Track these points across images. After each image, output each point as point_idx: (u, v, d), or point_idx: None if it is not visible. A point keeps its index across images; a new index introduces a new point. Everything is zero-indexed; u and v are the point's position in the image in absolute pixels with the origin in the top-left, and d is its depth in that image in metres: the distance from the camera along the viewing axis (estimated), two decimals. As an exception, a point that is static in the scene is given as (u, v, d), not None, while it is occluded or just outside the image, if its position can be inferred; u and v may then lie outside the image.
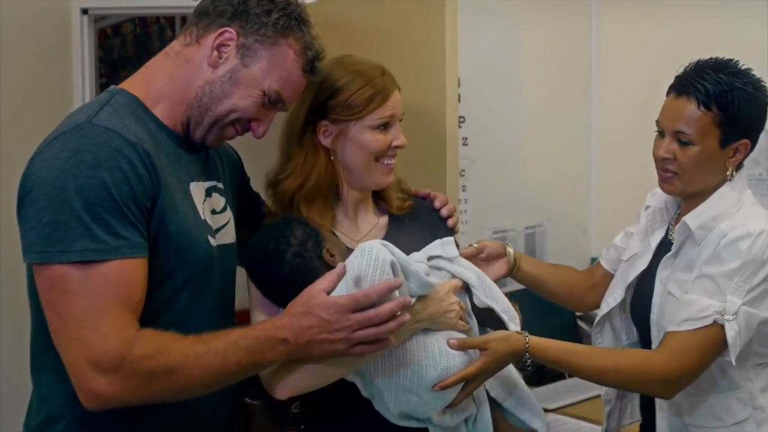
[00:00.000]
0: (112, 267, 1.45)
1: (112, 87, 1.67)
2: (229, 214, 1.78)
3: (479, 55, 3.29)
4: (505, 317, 1.79)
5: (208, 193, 1.72)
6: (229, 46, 1.64)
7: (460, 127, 3.18)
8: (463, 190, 3.28)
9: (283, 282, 1.67)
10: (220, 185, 1.78)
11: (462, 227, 3.29)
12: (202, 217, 1.65)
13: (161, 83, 1.66)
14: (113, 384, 1.43)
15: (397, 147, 1.85)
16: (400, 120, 1.86)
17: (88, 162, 1.47)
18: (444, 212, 1.99)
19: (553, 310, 3.58)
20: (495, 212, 3.46)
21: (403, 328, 1.60)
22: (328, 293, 1.58)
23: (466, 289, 1.81)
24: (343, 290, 1.59)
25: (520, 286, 2.25)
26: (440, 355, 1.69)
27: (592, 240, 3.83)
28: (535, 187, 3.60)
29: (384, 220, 1.94)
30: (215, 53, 1.64)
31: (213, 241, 1.67)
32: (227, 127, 1.67)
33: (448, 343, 1.70)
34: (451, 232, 1.97)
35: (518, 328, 1.79)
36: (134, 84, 1.67)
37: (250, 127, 1.69)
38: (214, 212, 1.72)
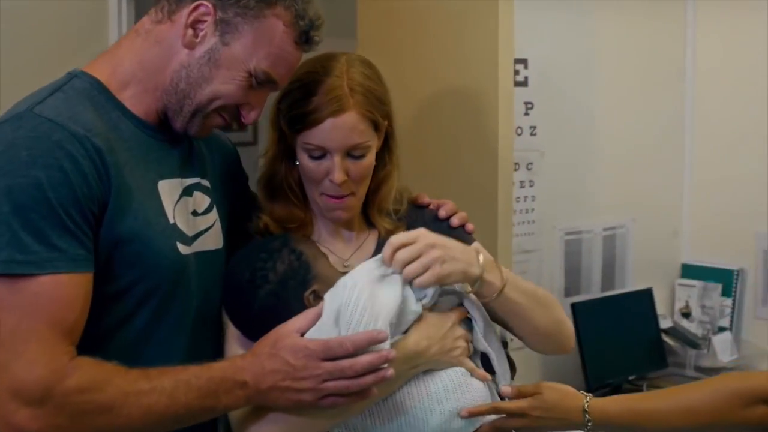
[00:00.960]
0: (43, 283, 1.28)
1: (74, 69, 1.49)
2: (214, 216, 1.58)
3: (551, 34, 3.06)
4: (498, 370, 1.56)
5: (188, 191, 1.53)
6: (205, 22, 1.44)
7: (527, 114, 2.95)
8: (530, 186, 3.02)
9: (253, 319, 1.48)
10: (206, 182, 1.58)
11: (527, 228, 3.00)
12: (171, 221, 1.46)
13: (129, 65, 1.47)
14: (37, 419, 1.27)
15: (333, 182, 1.57)
16: (354, 154, 1.54)
17: (23, 159, 1.30)
18: (455, 221, 1.70)
19: (638, 323, 3.30)
20: (568, 211, 3.19)
21: (398, 374, 1.42)
22: (303, 334, 1.39)
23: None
24: (323, 331, 1.40)
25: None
26: (446, 397, 1.48)
27: (684, 245, 3.57)
28: (616, 183, 3.33)
29: (376, 233, 1.68)
30: (190, 31, 1.44)
31: (185, 248, 1.47)
32: (212, 115, 1.48)
33: (500, 391, 1.53)
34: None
35: (507, 386, 1.55)
36: (98, 66, 1.48)
37: (239, 113, 1.51)
38: (195, 214, 1.53)
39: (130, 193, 1.39)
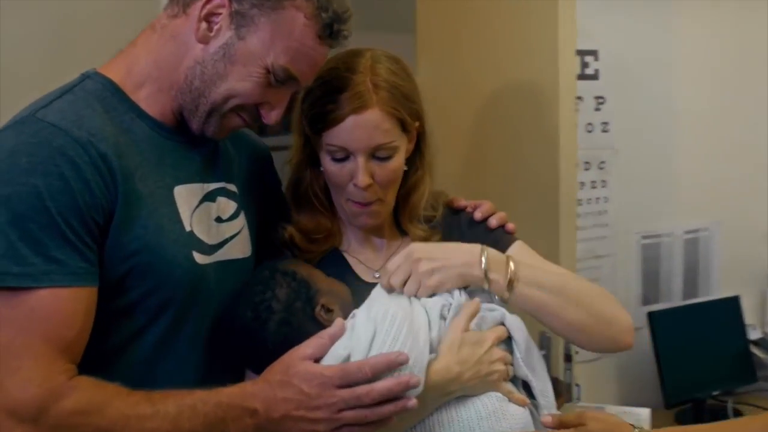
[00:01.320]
0: (40, 297, 1.22)
1: (89, 69, 1.41)
2: (241, 223, 1.49)
3: (625, 24, 2.87)
4: (541, 401, 1.42)
5: (210, 197, 1.44)
6: (219, 14, 1.36)
7: (598, 109, 2.78)
8: (602, 186, 2.85)
9: (270, 355, 1.35)
10: (232, 187, 1.50)
11: (599, 231, 2.82)
12: (188, 228, 1.37)
13: (145, 64, 1.40)
14: None
15: (357, 186, 1.46)
16: (379, 156, 1.45)
17: (22, 166, 1.24)
18: (493, 222, 1.59)
19: (723, 333, 3.06)
20: (645, 213, 2.98)
21: (426, 402, 1.32)
22: (317, 360, 1.29)
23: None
24: (341, 355, 1.29)
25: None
26: (479, 425, 1.36)
27: (775, 248, 3.32)
28: (699, 182, 3.10)
29: (409, 241, 1.55)
30: (204, 25, 1.36)
31: (203, 258, 1.39)
32: (229, 115, 1.39)
33: (542, 421, 1.40)
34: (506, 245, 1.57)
35: (548, 415, 1.39)
36: (114, 65, 1.41)
37: (258, 113, 1.41)
38: (219, 220, 1.45)
39: (140, 200, 1.32)
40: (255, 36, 1.34)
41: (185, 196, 1.39)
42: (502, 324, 1.41)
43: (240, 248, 1.48)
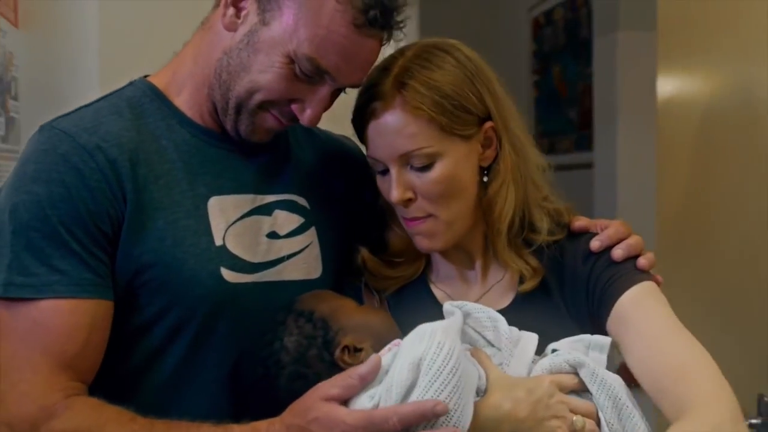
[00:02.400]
0: (42, 308, 1.16)
1: (139, 77, 1.36)
2: (307, 240, 1.36)
3: None
4: None
5: (264, 210, 1.33)
6: (247, 0, 1.25)
7: None
8: None
9: None
10: (300, 200, 1.38)
11: None
12: (218, 243, 1.26)
13: (188, 64, 1.32)
14: None
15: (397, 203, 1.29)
16: (414, 165, 1.26)
17: (29, 174, 1.20)
18: (618, 253, 1.30)
19: None
20: None
21: None
22: (345, 402, 1.10)
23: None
24: (377, 397, 1.10)
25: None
26: None
27: None
28: None
29: (515, 275, 1.35)
30: (231, 11, 1.25)
31: (237, 276, 1.27)
32: (259, 113, 1.27)
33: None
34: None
35: None
36: (163, 70, 1.35)
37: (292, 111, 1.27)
38: (273, 236, 1.32)
39: (158, 210, 1.24)
40: (279, 21, 1.22)
41: (224, 207, 1.29)
42: (575, 374, 1.19)
43: (302, 268, 1.35)
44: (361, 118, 1.29)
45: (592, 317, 1.30)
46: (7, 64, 1.91)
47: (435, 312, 1.27)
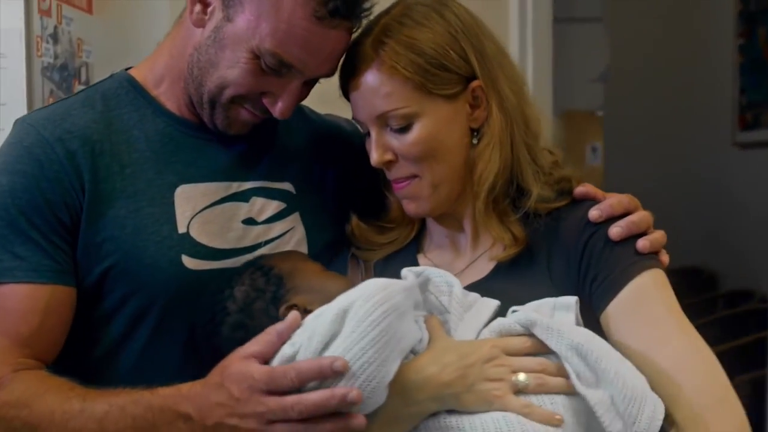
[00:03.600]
0: (1, 292, 1.23)
1: (121, 69, 1.40)
2: (289, 225, 1.36)
3: None
4: (604, 418, 1.05)
5: (241, 197, 1.34)
6: None
7: None
8: None
9: None
10: (282, 185, 1.38)
11: None
12: (181, 230, 1.28)
13: (165, 57, 1.34)
14: None
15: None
16: (393, 127, 1.23)
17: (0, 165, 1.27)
18: (615, 231, 1.20)
19: None
20: None
21: (395, 416, 1.08)
22: (267, 361, 1.09)
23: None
24: (297, 345, 1.08)
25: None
26: None
27: None
28: None
29: (500, 245, 1.27)
30: (198, 7, 1.26)
31: (199, 263, 1.28)
32: (232, 107, 1.28)
33: None
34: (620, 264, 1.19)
35: None
36: (144, 62, 1.39)
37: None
38: (250, 222, 1.33)
39: (120, 199, 1.26)
40: (242, 17, 1.22)
41: (192, 195, 1.29)
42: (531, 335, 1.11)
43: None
44: (344, 79, 1.28)
45: (581, 295, 1.21)
46: (76, 50, 1.97)
47: None
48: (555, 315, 1.16)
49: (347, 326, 1.06)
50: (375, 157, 1.25)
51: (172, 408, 1.13)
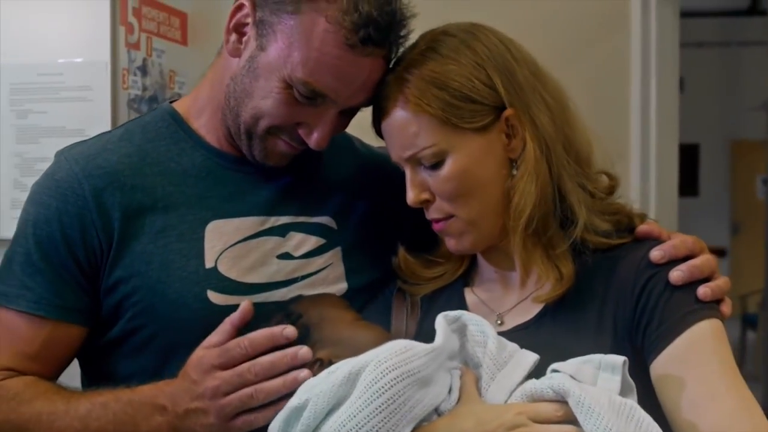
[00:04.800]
0: (7, 315, 1.27)
1: (166, 101, 1.44)
2: (327, 261, 1.33)
3: None
4: None
5: (277, 231, 1.31)
6: (247, 24, 1.24)
7: None
8: None
9: None
10: (322, 220, 1.35)
11: None
12: (209, 265, 1.26)
13: (207, 89, 1.34)
14: None
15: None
16: (426, 164, 1.19)
17: (30, 194, 1.30)
18: (675, 276, 1.12)
19: None
20: None
21: None
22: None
23: None
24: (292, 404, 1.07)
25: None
26: None
27: None
28: None
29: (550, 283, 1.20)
30: (233, 37, 1.26)
31: (226, 298, 1.25)
32: (268, 138, 1.26)
33: None
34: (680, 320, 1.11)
35: None
36: (189, 95, 1.40)
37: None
38: (286, 257, 1.31)
39: (149, 234, 1.26)
40: (274, 46, 1.20)
41: (224, 231, 1.28)
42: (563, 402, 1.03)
43: (319, 289, 1.31)
44: (375, 119, 1.25)
45: (634, 344, 1.14)
46: (168, 82, 1.99)
47: None
48: (599, 377, 1.07)
49: (356, 390, 1.02)
50: (411, 197, 1.21)
51: (150, 402, 1.17)
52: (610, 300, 1.17)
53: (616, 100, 2.60)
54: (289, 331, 1.11)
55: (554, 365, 1.08)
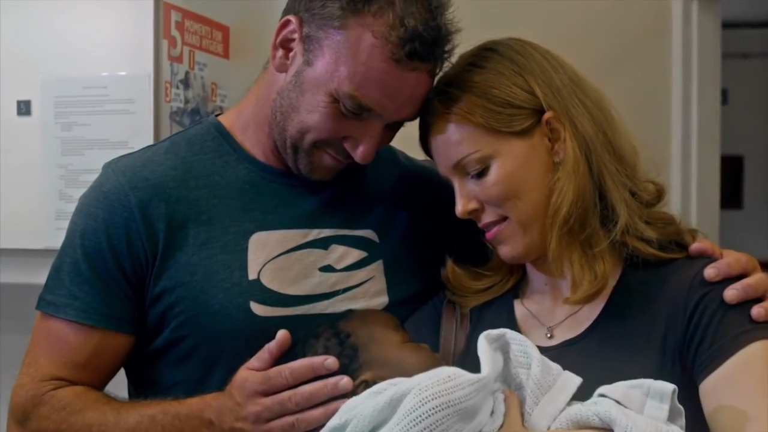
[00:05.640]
0: (57, 324, 1.29)
1: (212, 115, 1.45)
2: (370, 274, 1.34)
3: None
4: None
5: (320, 244, 1.33)
6: (293, 40, 1.26)
7: None
8: None
9: None
10: (364, 233, 1.36)
11: None
12: (252, 276, 1.28)
13: (252, 104, 1.36)
14: None
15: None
16: (471, 173, 1.21)
17: (79, 205, 1.34)
18: (730, 295, 1.12)
19: None
20: None
21: None
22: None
23: None
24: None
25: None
26: None
27: None
28: None
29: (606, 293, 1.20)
30: (280, 52, 1.28)
31: (268, 309, 1.27)
32: (314, 152, 1.27)
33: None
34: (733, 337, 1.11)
35: None
36: (233, 109, 1.42)
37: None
38: (328, 270, 1.32)
39: (194, 246, 1.28)
40: (321, 60, 1.22)
41: (267, 242, 1.30)
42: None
43: (360, 302, 1.32)
44: (421, 136, 1.28)
45: (684, 362, 1.14)
46: (210, 94, 2.02)
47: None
48: (647, 404, 1.06)
49: (396, 415, 1.02)
50: (459, 207, 1.22)
51: (197, 415, 1.20)
52: (660, 316, 1.17)
53: (658, 110, 2.60)
54: (331, 362, 1.13)
55: (601, 389, 1.07)
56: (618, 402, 1.03)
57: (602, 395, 1.06)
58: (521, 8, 2.45)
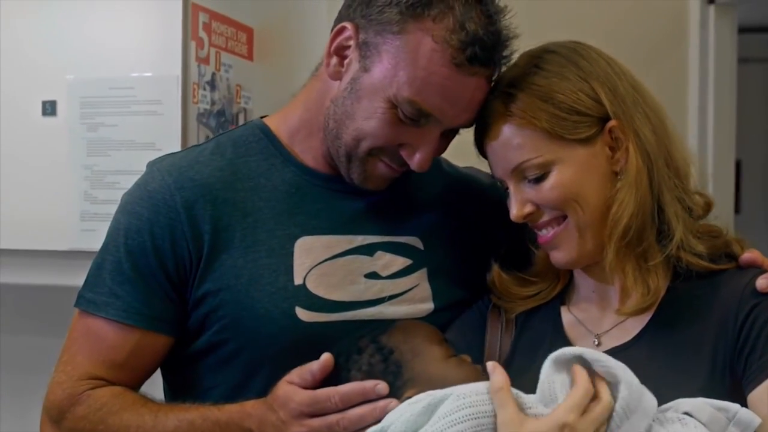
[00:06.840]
0: (96, 322, 1.28)
1: (257, 117, 1.43)
2: (414, 282, 1.33)
3: None
4: None
5: (365, 250, 1.32)
6: (349, 47, 1.25)
7: None
8: None
9: None
10: (409, 240, 1.35)
11: None
12: (298, 282, 1.27)
13: (300, 110, 1.35)
14: None
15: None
16: (529, 177, 1.19)
17: (122, 203, 1.32)
18: None
19: None
20: None
21: None
22: (314, 386, 1.18)
23: None
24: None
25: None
26: None
27: None
28: None
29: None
30: (334, 60, 1.26)
31: (313, 315, 1.27)
32: (369, 160, 1.26)
33: None
34: None
35: None
36: (279, 113, 1.40)
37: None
38: (373, 276, 1.31)
39: (239, 248, 1.27)
40: (379, 66, 1.20)
41: (313, 247, 1.29)
42: None
43: (405, 309, 1.32)
44: (478, 137, 1.26)
45: (734, 372, 1.13)
46: (234, 96, 2.01)
47: (557, 340, 1.22)
48: (729, 430, 1.06)
49: (432, 419, 1.03)
50: (514, 211, 1.21)
51: (237, 423, 1.19)
52: (711, 326, 1.17)
53: (674, 115, 2.58)
54: (381, 387, 1.12)
55: (686, 406, 1.06)
56: (704, 425, 1.03)
57: (687, 413, 1.05)
58: (536, 15, 2.45)
